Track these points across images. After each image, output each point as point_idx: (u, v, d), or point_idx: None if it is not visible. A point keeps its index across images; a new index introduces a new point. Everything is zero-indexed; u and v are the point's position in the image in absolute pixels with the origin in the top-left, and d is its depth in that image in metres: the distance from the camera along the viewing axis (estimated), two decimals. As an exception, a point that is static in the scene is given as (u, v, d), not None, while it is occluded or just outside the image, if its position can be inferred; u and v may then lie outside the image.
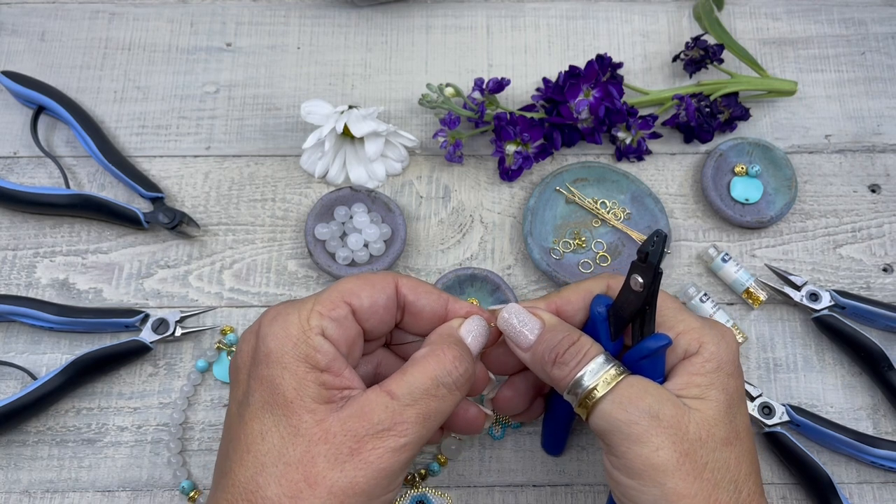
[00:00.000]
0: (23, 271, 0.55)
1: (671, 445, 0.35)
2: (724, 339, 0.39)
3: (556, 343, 0.39)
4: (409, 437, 0.36)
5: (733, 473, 0.36)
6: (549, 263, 0.54)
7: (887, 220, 0.57)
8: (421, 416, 0.36)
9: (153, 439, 0.51)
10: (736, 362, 0.39)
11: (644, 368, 0.39)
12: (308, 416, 0.35)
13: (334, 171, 0.57)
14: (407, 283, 0.41)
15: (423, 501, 0.49)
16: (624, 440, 0.36)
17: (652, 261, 0.36)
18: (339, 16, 0.64)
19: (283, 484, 0.34)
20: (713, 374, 0.38)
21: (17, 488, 0.50)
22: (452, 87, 0.56)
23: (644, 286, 0.37)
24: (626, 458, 0.36)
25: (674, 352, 0.39)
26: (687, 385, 0.38)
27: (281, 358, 0.37)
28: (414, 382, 0.37)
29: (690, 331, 0.39)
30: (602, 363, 0.38)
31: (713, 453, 0.36)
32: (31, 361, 0.52)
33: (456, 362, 0.38)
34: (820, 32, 0.63)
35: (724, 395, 0.37)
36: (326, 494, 0.34)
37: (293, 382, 0.36)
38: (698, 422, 0.36)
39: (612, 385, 0.37)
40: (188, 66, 0.61)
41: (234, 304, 0.54)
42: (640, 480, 0.36)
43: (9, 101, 0.60)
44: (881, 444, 0.49)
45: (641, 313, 0.38)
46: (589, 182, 0.57)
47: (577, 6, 0.64)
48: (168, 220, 0.54)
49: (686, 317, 0.40)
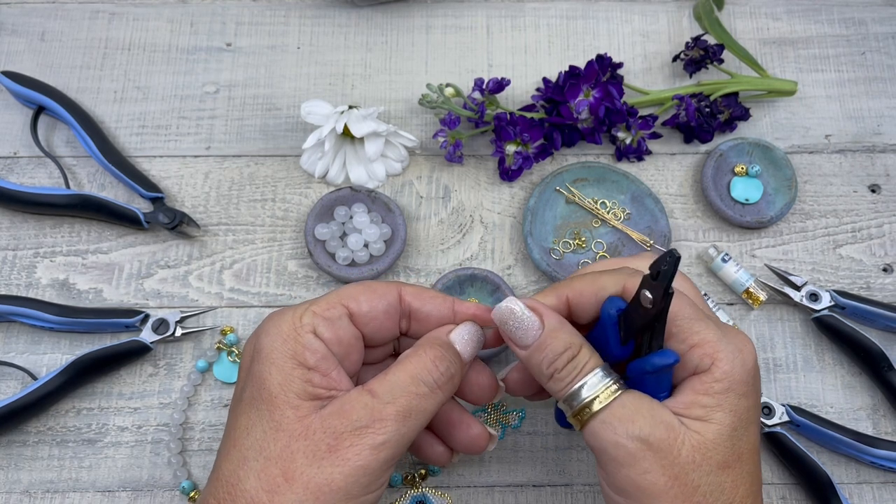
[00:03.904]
0: (23, 271, 0.55)
1: (660, 469, 0.34)
2: (740, 355, 0.37)
3: (556, 357, 0.37)
4: (388, 435, 0.36)
5: (728, 496, 0.35)
6: (549, 263, 0.54)
7: (887, 220, 0.57)
8: (401, 414, 0.36)
9: (153, 439, 0.51)
10: (750, 381, 0.37)
11: (649, 381, 0.37)
12: (291, 411, 0.36)
13: (334, 171, 0.57)
14: (411, 290, 0.41)
15: (423, 501, 0.49)
16: (611, 461, 0.35)
17: (662, 281, 0.34)
18: (339, 16, 0.64)
19: (262, 478, 0.35)
20: (722, 395, 0.36)
21: (17, 488, 0.50)
22: (452, 87, 0.56)
23: (653, 303, 0.35)
24: (615, 477, 0.36)
25: (683, 367, 0.37)
26: (691, 405, 0.36)
27: (270, 354, 0.37)
28: (394, 381, 0.37)
29: (705, 344, 0.37)
30: (600, 378, 0.37)
31: (707, 477, 0.35)
32: (32, 361, 0.52)
33: (437, 361, 0.38)
34: (820, 32, 0.63)
35: (731, 418, 0.36)
36: (302, 490, 0.34)
37: (279, 378, 0.36)
38: (693, 445, 0.35)
39: (607, 403, 0.36)
40: (188, 66, 0.61)
41: (234, 305, 0.54)
42: (628, 499, 0.35)
43: (9, 101, 0.60)
44: (881, 444, 0.49)
45: (651, 327, 0.37)
46: (589, 182, 0.57)
47: (577, 6, 0.64)
48: (168, 221, 0.54)
49: (703, 328, 0.37)
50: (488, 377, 0.42)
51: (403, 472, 0.50)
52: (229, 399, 0.52)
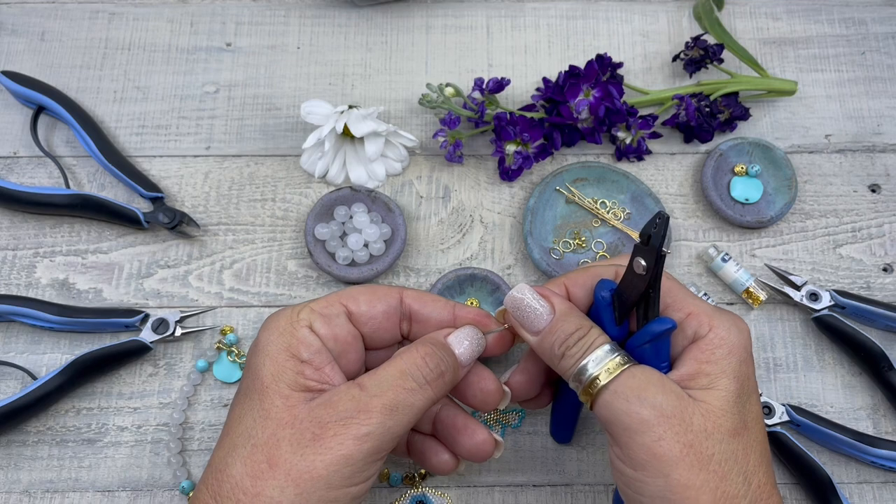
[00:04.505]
0: (23, 271, 0.55)
1: (674, 436, 0.35)
2: (735, 325, 0.38)
3: (567, 336, 0.38)
4: (373, 427, 0.36)
5: (741, 464, 0.35)
6: (549, 263, 0.54)
7: (887, 220, 0.57)
8: (387, 407, 0.36)
9: (153, 439, 0.51)
10: (749, 349, 0.38)
11: (648, 353, 0.38)
12: (280, 401, 0.36)
13: (334, 171, 0.57)
14: (412, 294, 0.42)
15: (423, 501, 0.49)
16: (625, 430, 0.36)
17: (654, 243, 0.36)
18: (339, 16, 0.64)
19: (248, 464, 0.35)
20: (724, 360, 0.37)
21: (17, 488, 0.50)
22: (452, 87, 0.56)
23: (647, 269, 0.36)
24: (629, 448, 0.36)
25: (682, 333, 0.38)
26: (696, 374, 0.37)
27: (266, 347, 0.38)
28: (383, 375, 0.38)
29: (700, 313, 0.38)
30: (607, 352, 0.38)
31: (719, 444, 0.35)
32: (31, 361, 0.52)
33: (427, 357, 0.39)
34: (820, 32, 0.63)
35: (735, 384, 0.36)
36: (284, 477, 0.35)
37: (272, 369, 0.37)
38: (703, 413, 0.35)
39: (615, 375, 0.37)
40: (188, 66, 0.61)
41: (234, 304, 0.54)
42: (644, 472, 0.35)
43: (9, 101, 0.60)
44: (881, 444, 0.49)
45: (645, 297, 0.38)
46: (589, 182, 0.57)
47: (577, 6, 0.64)
48: (168, 220, 0.54)
49: (696, 300, 0.39)
50: (493, 382, 0.42)
51: (403, 472, 0.50)
52: (229, 399, 0.52)
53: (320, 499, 0.35)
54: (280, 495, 0.34)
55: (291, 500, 0.34)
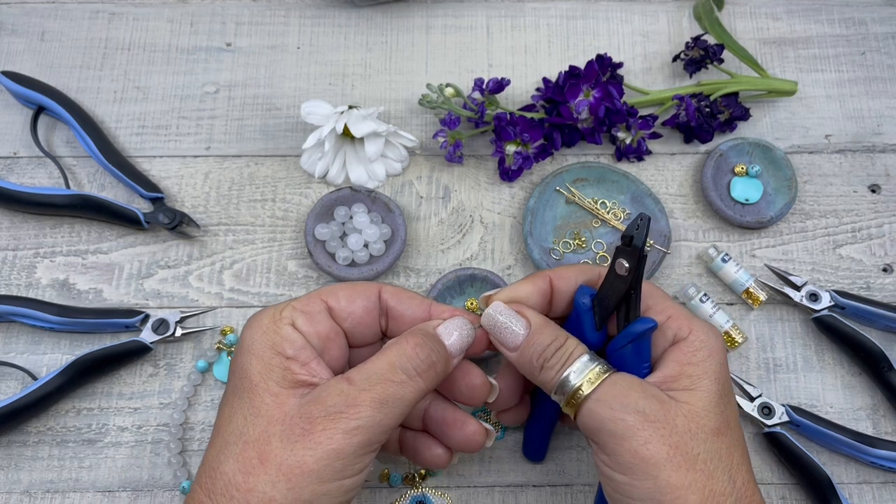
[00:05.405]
0: (23, 271, 0.55)
1: (660, 439, 0.35)
2: (711, 330, 0.40)
3: (544, 348, 0.39)
4: (362, 421, 0.36)
5: (726, 463, 0.36)
6: (549, 264, 0.54)
7: (887, 220, 0.57)
8: (377, 400, 0.37)
9: (153, 439, 0.51)
10: (725, 352, 0.40)
11: (630, 354, 0.39)
12: (270, 398, 0.37)
13: (334, 171, 0.57)
14: (390, 289, 0.43)
15: (423, 501, 0.49)
16: (612, 436, 0.36)
17: (636, 244, 0.36)
18: (339, 16, 0.64)
19: (240, 460, 0.36)
20: (705, 362, 0.38)
21: (17, 488, 0.50)
22: (452, 88, 0.56)
23: (629, 270, 0.37)
24: (617, 454, 0.36)
25: (663, 336, 0.40)
26: (678, 376, 0.38)
27: (251, 346, 0.39)
28: (372, 369, 0.38)
29: (679, 317, 0.40)
30: (587, 361, 0.38)
31: (704, 444, 0.36)
32: (32, 362, 0.52)
33: (417, 349, 0.39)
34: (820, 32, 0.63)
35: (716, 385, 0.38)
36: (275, 472, 0.35)
37: (259, 367, 0.38)
38: (686, 414, 0.36)
39: (598, 384, 0.37)
40: (188, 66, 0.61)
41: (234, 305, 0.54)
42: (632, 475, 0.36)
43: (9, 101, 0.60)
44: (881, 444, 0.49)
45: (627, 299, 0.39)
46: (589, 182, 0.57)
47: (577, 6, 0.64)
48: (168, 221, 0.54)
49: (674, 305, 0.41)
50: (479, 377, 0.43)
51: (403, 472, 0.50)
52: (229, 399, 0.52)
53: (312, 492, 0.35)
54: (272, 490, 0.35)
55: (283, 494, 0.35)
